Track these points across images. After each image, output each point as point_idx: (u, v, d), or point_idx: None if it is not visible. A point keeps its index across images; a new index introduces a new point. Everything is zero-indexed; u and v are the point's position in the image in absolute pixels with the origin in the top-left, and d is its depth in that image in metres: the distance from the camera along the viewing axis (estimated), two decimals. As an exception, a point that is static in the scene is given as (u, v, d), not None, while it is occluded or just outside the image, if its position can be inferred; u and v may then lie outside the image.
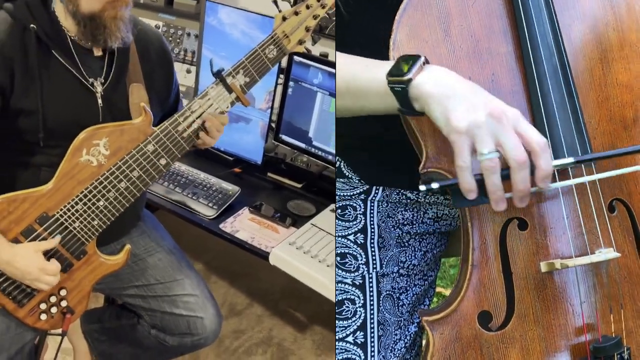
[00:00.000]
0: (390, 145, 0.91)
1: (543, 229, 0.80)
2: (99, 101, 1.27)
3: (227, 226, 1.65)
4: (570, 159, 0.74)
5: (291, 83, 1.83)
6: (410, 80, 0.73)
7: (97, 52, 1.27)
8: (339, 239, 0.98)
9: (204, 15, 1.95)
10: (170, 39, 2.31)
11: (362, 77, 0.80)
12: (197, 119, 1.28)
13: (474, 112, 0.71)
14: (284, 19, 1.28)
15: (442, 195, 0.92)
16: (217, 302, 1.54)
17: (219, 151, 1.96)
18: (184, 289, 1.47)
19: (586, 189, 0.80)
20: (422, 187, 0.76)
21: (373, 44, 0.84)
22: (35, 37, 1.16)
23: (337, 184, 1.01)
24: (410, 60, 0.75)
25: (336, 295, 0.93)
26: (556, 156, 0.78)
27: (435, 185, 0.75)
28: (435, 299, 1.07)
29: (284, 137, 1.88)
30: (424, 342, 0.86)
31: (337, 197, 1.00)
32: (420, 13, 0.79)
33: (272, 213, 1.71)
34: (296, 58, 1.79)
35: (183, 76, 2.26)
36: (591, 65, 0.81)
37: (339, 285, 0.95)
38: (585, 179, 0.78)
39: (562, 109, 0.77)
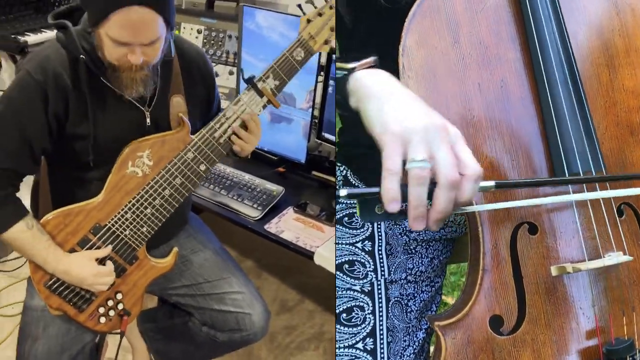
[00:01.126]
0: None
1: (553, 233, 0.80)
2: (147, 119, 1.33)
3: (272, 227, 1.69)
4: (492, 183, 0.70)
5: (331, 82, 1.85)
6: (353, 69, 0.71)
7: None
8: (347, 246, 0.99)
9: (241, 20, 1.99)
10: (212, 41, 2.36)
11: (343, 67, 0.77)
12: (232, 124, 1.33)
13: (413, 119, 0.66)
14: (309, 21, 1.31)
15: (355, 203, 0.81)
16: (268, 298, 1.58)
17: (263, 151, 2.00)
18: (231, 286, 1.53)
19: (595, 190, 0.80)
20: (342, 193, 0.68)
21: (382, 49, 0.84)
22: (85, 67, 1.23)
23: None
24: (362, 56, 0.74)
25: (345, 302, 0.94)
26: (568, 164, 0.78)
27: (343, 193, 0.67)
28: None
29: (327, 135, 1.90)
30: (432, 348, 0.86)
31: (343, 204, 1.01)
32: (429, 20, 0.79)
33: (318, 212, 1.73)
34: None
35: (226, 78, 2.32)
36: (598, 71, 0.82)
37: (348, 292, 0.96)
38: (590, 195, 0.77)
39: (572, 115, 0.78)
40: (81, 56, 1.22)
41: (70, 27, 1.24)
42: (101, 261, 1.32)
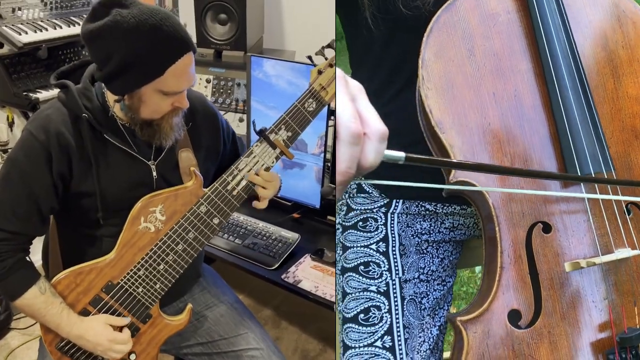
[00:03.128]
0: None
1: (565, 232, 0.85)
2: (154, 173, 1.31)
3: (290, 276, 1.65)
4: (402, 154, 0.63)
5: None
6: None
7: None
8: (362, 248, 1.04)
9: (249, 70, 1.99)
10: (221, 90, 2.38)
11: None
12: (244, 177, 1.31)
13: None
14: (320, 72, 1.30)
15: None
16: (289, 349, 1.53)
17: (277, 198, 1.97)
18: (249, 343, 1.48)
19: (608, 194, 0.85)
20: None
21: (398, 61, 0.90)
22: (88, 125, 1.22)
23: (357, 199, 1.08)
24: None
25: (362, 303, 0.99)
26: (580, 165, 0.83)
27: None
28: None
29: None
30: (452, 343, 0.88)
31: (357, 210, 1.07)
32: (445, 34, 0.85)
33: (335, 259, 1.69)
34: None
35: (236, 125, 2.32)
36: (604, 80, 0.88)
37: (364, 293, 1.00)
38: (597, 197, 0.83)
39: (583, 120, 0.83)
40: (83, 114, 1.21)
41: (71, 86, 1.23)
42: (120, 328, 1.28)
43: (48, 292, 1.23)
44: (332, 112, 1.92)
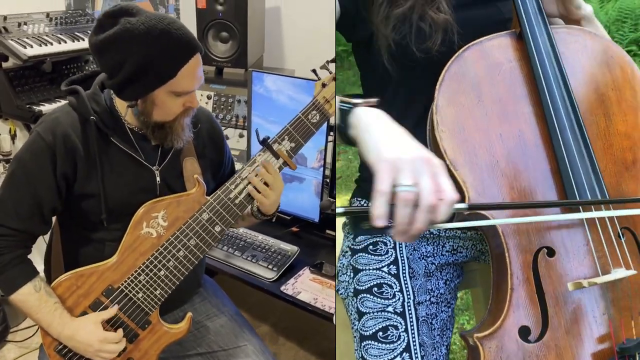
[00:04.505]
0: None
1: (567, 255, 0.93)
2: (157, 178, 1.33)
3: (289, 288, 1.65)
4: (465, 205, 0.86)
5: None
6: (356, 104, 0.84)
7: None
8: (375, 271, 1.11)
9: (250, 85, 2.03)
10: (222, 106, 2.40)
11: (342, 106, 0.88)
12: (247, 185, 1.32)
13: (404, 151, 0.78)
14: (324, 85, 1.32)
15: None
16: (287, 364, 1.52)
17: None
18: (248, 355, 1.47)
19: (604, 221, 0.94)
20: (339, 210, 0.83)
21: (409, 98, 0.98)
22: (95, 127, 1.25)
23: (364, 224, 1.09)
24: (362, 96, 0.86)
25: (380, 322, 1.07)
26: (580, 196, 0.92)
27: (340, 210, 0.83)
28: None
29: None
30: (467, 358, 0.97)
31: (368, 235, 1.13)
32: (456, 82, 0.94)
33: (334, 272, 1.70)
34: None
35: (236, 141, 2.34)
36: (597, 119, 0.98)
37: (382, 313, 1.07)
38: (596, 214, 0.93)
39: (580, 156, 0.93)
40: (91, 117, 1.24)
41: (81, 91, 1.27)
42: (114, 326, 1.28)
43: (43, 290, 1.24)
44: (331, 128, 1.95)
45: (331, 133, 1.94)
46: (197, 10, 2.44)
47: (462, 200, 0.91)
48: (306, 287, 1.66)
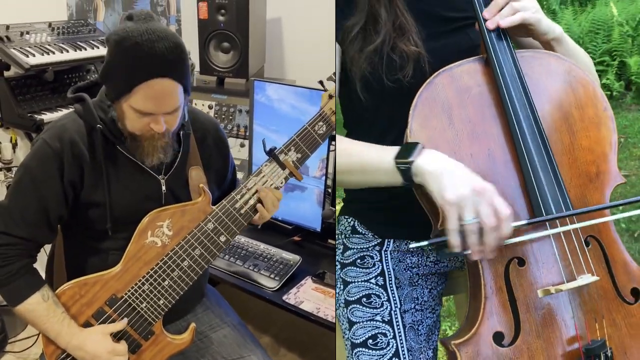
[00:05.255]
0: (397, 208, 1.13)
1: (537, 264, 1.01)
2: (163, 187, 1.33)
3: (291, 297, 1.65)
4: (524, 222, 0.97)
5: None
6: (412, 161, 0.95)
7: None
8: (362, 282, 1.19)
9: (252, 94, 2.03)
10: (223, 116, 2.41)
11: (371, 158, 1.00)
12: (253, 195, 1.32)
13: (462, 187, 0.92)
14: (330, 96, 1.33)
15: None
16: (287, 376, 1.51)
17: (278, 221, 1.99)
18: (251, 365, 1.46)
19: (569, 232, 1.01)
20: (413, 245, 0.97)
21: (385, 126, 1.08)
22: (101, 135, 1.25)
23: (352, 239, 1.23)
24: (412, 146, 0.96)
25: (369, 330, 1.14)
26: (546, 210, 0.99)
27: (424, 243, 0.96)
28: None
29: (340, 203, 1.89)
30: None
31: (354, 249, 1.22)
32: (428, 107, 1.00)
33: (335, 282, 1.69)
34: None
35: (237, 150, 2.35)
36: (561, 136, 1.04)
37: (370, 322, 1.15)
38: (561, 229, 1.01)
39: (545, 172, 1.00)
40: (98, 125, 1.24)
41: (87, 99, 1.27)
42: (117, 337, 1.27)
43: (51, 300, 1.23)
44: (332, 137, 1.95)
45: (333, 143, 1.94)
46: (199, 20, 2.45)
47: (437, 216, 0.98)
48: (308, 296, 1.65)
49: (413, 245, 0.96)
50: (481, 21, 1.03)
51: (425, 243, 0.95)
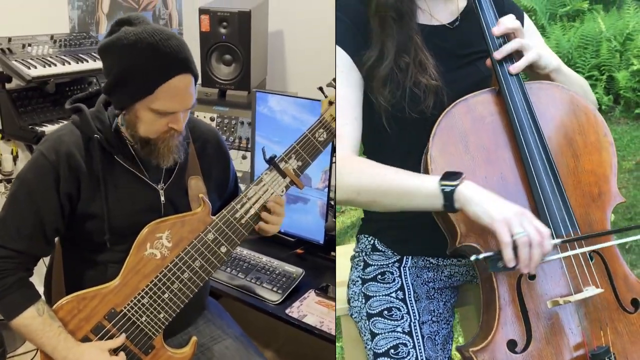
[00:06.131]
0: (414, 227, 1.21)
1: (546, 277, 1.10)
2: (162, 198, 1.31)
3: (294, 311, 1.62)
4: (559, 240, 1.07)
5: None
6: (457, 185, 1.02)
7: None
8: (384, 297, 1.26)
9: (255, 105, 2.02)
10: (225, 128, 2.40)
11: (410, 182, 1.06)
12: (253, 204, 1.30)
13: (505, 209, 1.01)
14: (331, 103, 1.31)
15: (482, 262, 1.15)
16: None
17: (280, 233, 1.95)
18: (254, 377, 1.43)
19: (575, 248, 1.10)
20: (473, 258, 1.04)
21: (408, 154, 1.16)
22: (98, 146, 1.23)
23: (373, 256, 1.31)
24: (455, 175, 1.04)
25: (391, 341, 1.22)
26: (555, 229, 1.08)
27: (481, 256, 1.03)
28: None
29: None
30: None
31: (375, 266, 1.30)
32: (446, 135, 1.10)
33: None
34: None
35: (239, 162, 2.33)
36: (567, 160, 1.14)
37: (392, 333, 1.22)
38: (574, 252, 1.11)
39: (553, 194, 1.09)
40: (95, 135, 1.22)
41: (85, 109, 1.26)
42: (115, 351, 1.25)
43: (46, 314, 1.21)
44: (335, 149, 1.93)
45: (335, 154, 1.92)
46: (201, 33, 2.45)
47: (455, 235, 1.08)
48: (312, 310, 1.62)
49: (473, 257, 1.04)
50: (494, 59, 1.13)
51: (482, 257, 1.03)
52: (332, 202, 1.92)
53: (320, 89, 1.38)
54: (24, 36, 2.25)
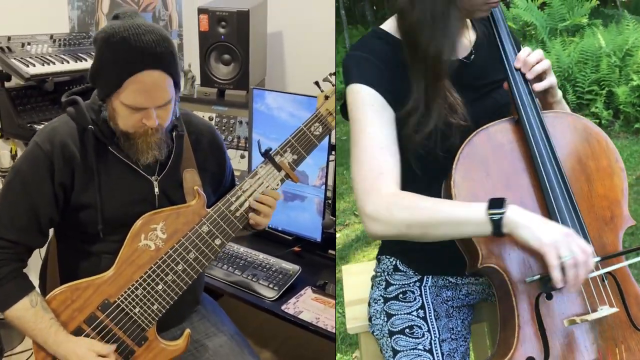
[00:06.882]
0: (435, 249, 1.19)
1: (562, 297, 1.13)
2: (156, 189, 1.31)
3: (290, 307, 1.61)
4: (599, 258, 1.10)
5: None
6: (504, 212, 1.04)
7: None
8: (405, 315, 1.30)
9: (251, 102, 2.02)
10: (223, 127, 2.40)
11: (461, 213, 1.08)
12: (248, 197, 1.30)
13: (553, 232, 1.03)
14: (327, 97, 1.31)
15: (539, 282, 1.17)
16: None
17: (277, 231, 1.96)
18: (247, 375, 1.43)
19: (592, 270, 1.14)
20: (528, 280, 1.09)
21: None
22: (93, 137, 1.24)
23: (395, 276, 1.35)
24: (500, 201, 1.05)
25: (412, 358, 1.25)
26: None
27: (535, 278, 1.08)
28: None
29: (340, 212, 1.87)
30: None
31: (396, 285, 1.34)
32: (468, 161, 1.14)
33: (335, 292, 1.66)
34: (345, 133, 1.81)
35: (237, 161, 2.33)
36: (581, 184, 1.19)
37: (413, 351, 1.25)
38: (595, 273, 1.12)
39: (571, 217, 1.13)
40: (89, 126, 1.22)
41: (80, 101, 1.26)
42: (110, 342, 1.24)
43: (39, 305, 1.21)
44: (332, 147, 1.93)
45: (332, 152, 1.92)
46: (200, 32, 2.46)
47: (476, 257, 1.12)
48: (308, 306, 1.62)
49: (528, 279, 1.08)
50: (513, 90, 1.18)
51: (535, 278, 1.08)
52: (329, 203, 1.92)
53: (317, 83, 1.38)
54: (23, 35, 2.26)
